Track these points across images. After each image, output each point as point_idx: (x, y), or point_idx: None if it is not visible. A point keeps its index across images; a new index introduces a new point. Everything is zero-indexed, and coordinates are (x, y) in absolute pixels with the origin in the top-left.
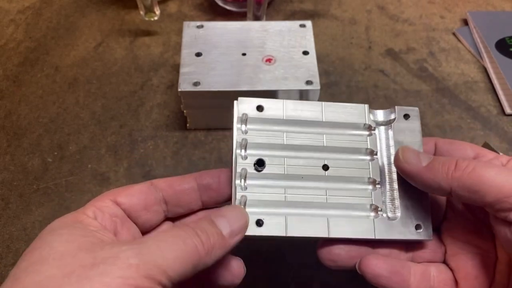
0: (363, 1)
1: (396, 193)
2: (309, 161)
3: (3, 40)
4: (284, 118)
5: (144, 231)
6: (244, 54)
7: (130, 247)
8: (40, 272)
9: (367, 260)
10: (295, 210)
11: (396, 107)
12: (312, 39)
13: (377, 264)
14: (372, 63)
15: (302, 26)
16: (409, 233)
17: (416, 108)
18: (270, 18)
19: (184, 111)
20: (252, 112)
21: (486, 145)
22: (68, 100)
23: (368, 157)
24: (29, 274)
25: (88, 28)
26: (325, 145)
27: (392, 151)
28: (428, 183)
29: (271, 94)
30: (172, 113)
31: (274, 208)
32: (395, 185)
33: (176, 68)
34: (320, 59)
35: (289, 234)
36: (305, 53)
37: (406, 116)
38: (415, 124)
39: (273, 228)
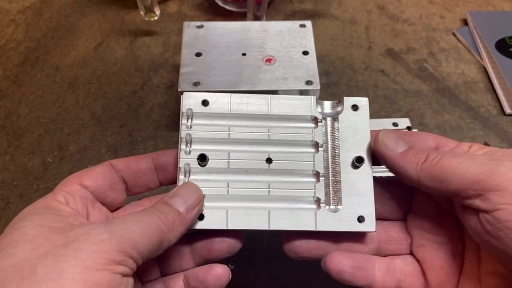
0: (363, 1)
1: (340, 185)
2: (253, 155)
3: (3, 40)
4: (230, 112)
5: (112, 211)
6: (244, 54)
7: (100, 225)
8: (14, 255)
9: (330, 257)
10: (237, 203)
11: (344, 97)
12: (312, 39)
13: (340, 260)
14: (372, 63)
15: (302, 26)
16: (352, 225)
17: (365, 99)
18: (270, 18)
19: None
20: (198, 107)
21: (486, 145)
22: (68, 100)
23: (313, 150)
24: (2, 258)
25: (88, 28)
26: (270, 138)
27: (338, 143)
28: (399, 170)
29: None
30: (172, 113)
31: (217, 202)
32: (339, 177)
33: (176, 68)
34: (320, 59)
35: (230, 227)
36: (305, 53)
37: (355, 107)
38: (364, 115)
39: (214, 221)
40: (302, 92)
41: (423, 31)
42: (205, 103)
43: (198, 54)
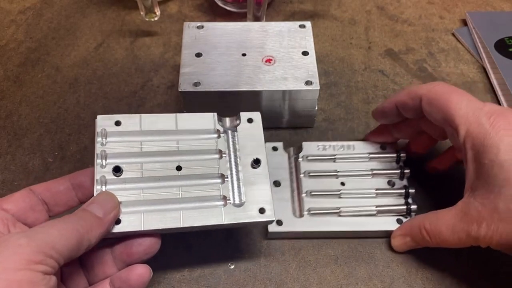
0: (363, 2)
1: (241, 184)
2: (164, 165)
3: (4, 40)
4: (141, 129)
5: None
6: (244, 55)
7: (18, 232)
8: None
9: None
10: (151, 207)
11: (240, 113)
12: (312, 40)
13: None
14: (371, 63)
15: (302, 26)
16: (255, 216)
17: (258, 113)
18: (270, 18)
19: (184, 111)
20: (111, 128)
21: None
22: (69, 100)
23: (217, 156)
24: None
25: (88, 29)
26: (179, 149)
27: (238, 149)
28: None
29: (270, 94)
30: None
31: (132, 207)
32: (241, 177)
33: (176, 68)
34: (319, 59)
35: (145, 228)
36: (305, 53)
37: (250, 120)
38: (258, 126)
39: (130, 224)
40: (302, 92)
41: (423, 32)
42: (118, 123)
43: (198, 55)
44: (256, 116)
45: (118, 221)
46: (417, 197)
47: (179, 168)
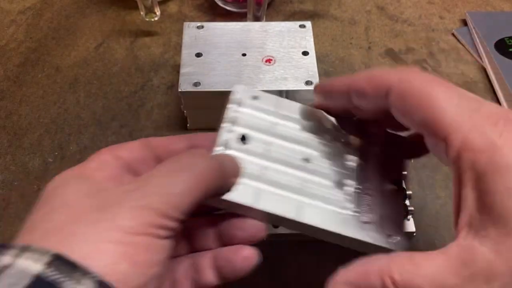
0: (363, 2)
1: (374, 200)
2: (292, 151)
3: (3, 40)
4: (276, 111)
5: None
6: (244, 55)
7: (137, 186)
8: (52, 220)
9: None
10: (269, 187)
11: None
12: (312, 40)
13: None
14: (371, 63)
15: (302, 26)
16: (381, 239)
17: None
18: (270, 18)
19: (184, 112)
20: (247, 100)
21: None
22: (69, 100)
23: (353, 164)
24: (41, 223)
25: (88, 29)
26: (310, 142)
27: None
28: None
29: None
30: (173, 114)
31: (250, 180)
32: (374, 193)
33: (176, 68)
34: (320, 59)
35: (259, 207)
36: (305, 53)
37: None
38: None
39: (243, 196)
40: (302, 92)
41: (423, 32)
42: (255, 98)
43: (198, 55)
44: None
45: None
46: (414, 199)
47: (307, 160)
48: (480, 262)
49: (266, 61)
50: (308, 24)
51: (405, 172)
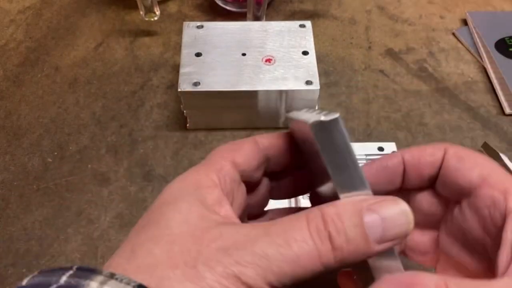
0: (363, 1)
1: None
2: None
3: (3, 40)
4: None
5: (249, 190)
6: (244, 54)
7: (252, 244)
8: (152, 255)
9: None
10: None
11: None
12: (312, 39)
13: None
14: (371, 63)
15: (302, 26)
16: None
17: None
18: (270, 18)
19: (184, 111)
20: None
21: (486, 145)
22: (68, 100)
23: None
24: (144, 253)
25: (88, 28)
26: None
27: None
28: None
29: (270, 94)
30: (172, 113)
31: None
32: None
33: (176, 68)
34: (320, 59)
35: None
36: (305, 53)
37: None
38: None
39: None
40: (302, 92)
41: (423, 31)
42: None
43: (198, 54)
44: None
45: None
46: None
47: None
48: None
49: (266, 61)
50: (308, 24)
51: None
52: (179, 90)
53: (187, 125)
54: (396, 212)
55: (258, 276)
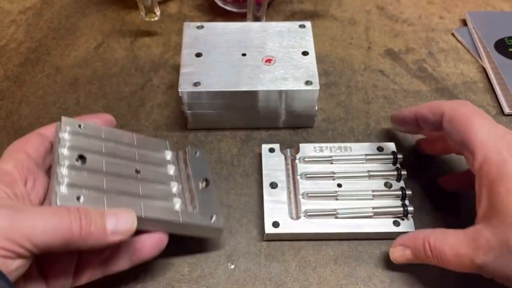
0: (363, 2)
1: (195, 195)
2: (123, 167)
3: (4, 40)
4: (103, 137)
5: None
6: (244, 55)
7: (8, 212)
8: None
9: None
10: (114, 196)
11: (188, 148)
12: (312, 40)
13: None
14: (371, 63)
15: (302, 26)
16: (207, 221)
17: (201, 150)
18: (270, 18)
19: (184, 111)
20: (75, 128)
21: None
22: (69, 100)
23: (172, 173)
24: None
25: (88, 29)
26: (137, 159)
27: (191, 174)
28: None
29: (270, 94)
30: (172, 113)
31: (95, 191)
32: (194, 192)
33: (176, 68)
34: (319, 59)
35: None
36: (305, 53)
37: (196, 153)
38: (203, 158)
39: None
40: (302, 92)
41: (423, 32)
42: (80, 126)
43: (198, 55)
44: (200, 153)
45: (79, 199)
46: (414, 199)
47: (137, 171)
48: (483, 240)
49: (266, 61)
50: (308, 24)
51: (405, 172)
52: (179, 90)
53: (187, 125)
54: (126, 215)
55: (10, 240)
